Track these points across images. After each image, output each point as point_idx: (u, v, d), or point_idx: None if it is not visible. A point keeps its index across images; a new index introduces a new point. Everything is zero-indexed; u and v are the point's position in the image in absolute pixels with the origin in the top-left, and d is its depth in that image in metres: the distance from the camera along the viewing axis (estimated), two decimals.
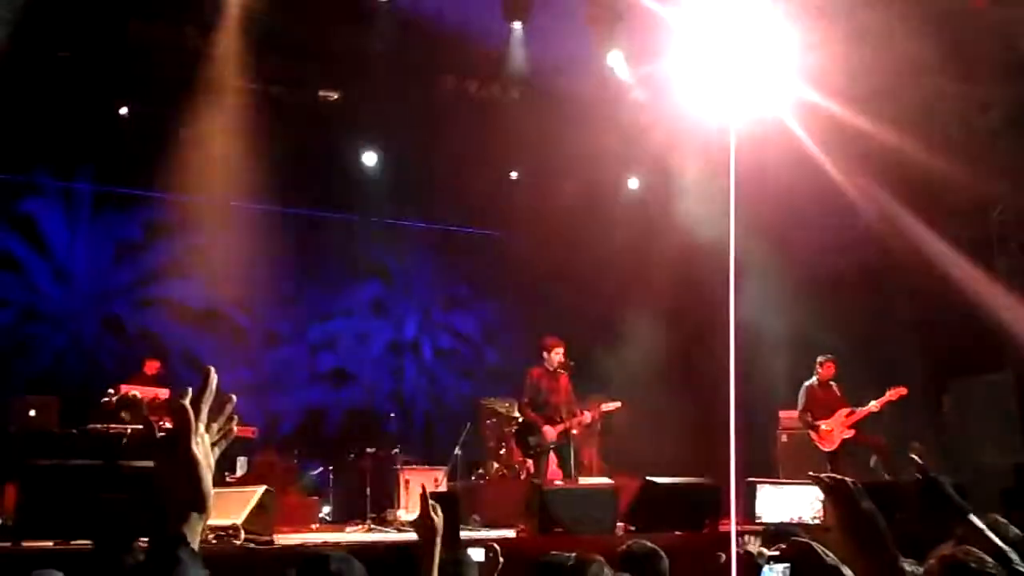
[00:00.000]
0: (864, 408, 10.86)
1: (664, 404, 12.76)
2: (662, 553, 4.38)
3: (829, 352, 11.33)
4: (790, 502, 5.63)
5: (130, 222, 13.62)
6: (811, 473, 2.98)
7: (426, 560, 3.71)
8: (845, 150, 11.80)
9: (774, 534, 4.79)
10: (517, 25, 12.88)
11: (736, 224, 13.96)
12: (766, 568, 3.50)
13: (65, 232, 13.39)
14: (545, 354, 10.70)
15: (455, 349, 16.09)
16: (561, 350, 10.69)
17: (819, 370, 11.23)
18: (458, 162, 14.23)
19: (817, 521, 5.52)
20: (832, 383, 11.22)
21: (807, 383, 11.32)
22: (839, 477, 2.84)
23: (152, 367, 11.70)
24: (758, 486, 5.56)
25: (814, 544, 2.89)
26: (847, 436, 10.94)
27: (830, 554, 2.84)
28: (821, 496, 5.15)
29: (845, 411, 10.95)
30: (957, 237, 11.94)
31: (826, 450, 11.09)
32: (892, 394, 10.63)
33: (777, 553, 3.56)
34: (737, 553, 3.92)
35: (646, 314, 13.29)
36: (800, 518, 5.61)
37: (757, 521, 5.60)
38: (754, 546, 4.11)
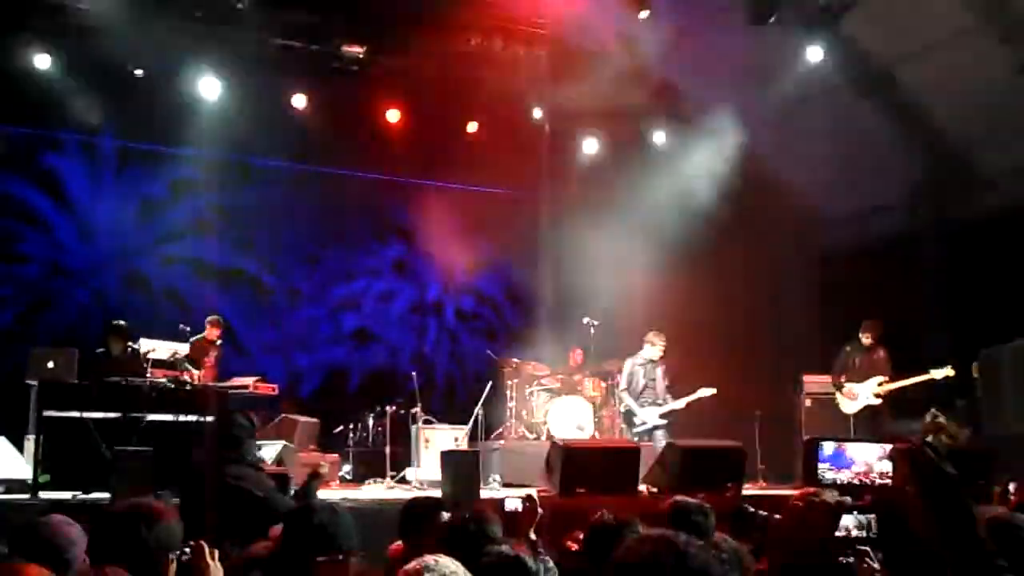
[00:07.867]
0: (897, 383, 10.65)
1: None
2: (709, 509, 4.35)
3: (869, 318, 11.09)
4: (854, 460, 5.47)
5: (154, 179, 13.54)
6: (890, 437, 2.95)
7: None
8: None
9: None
10: None
11: (758, 191, 13.76)
12: (849, 517, 3.37)
13: (89, 188, 13.33)
14: None
15: (478, 312, 15.97)
16: None
17: (860, 334, 11.02)
18: (483, 120, 14.10)
19: (886, 481, 5.37)
20: (881, 348, 10.97)
21: (847, 346, 11.15)
22: (918, 442, 2.79)
23: (213, 333, 11.58)
24: (821, 444, 5.38)
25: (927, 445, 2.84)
26: (872, 403, 10.78)
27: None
28: (887, 455, 5.00)
29: (879, 379, 10.76)
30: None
31: (847, 412, 10.99)
32: (937, 374, 10.33)
33: (852, 501, 3.44)
34: (814, 502, 3.78)
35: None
36: (865, 476, 5.44)
37: (820, 480, 5.45)
38: (831, 496, 3.96)
